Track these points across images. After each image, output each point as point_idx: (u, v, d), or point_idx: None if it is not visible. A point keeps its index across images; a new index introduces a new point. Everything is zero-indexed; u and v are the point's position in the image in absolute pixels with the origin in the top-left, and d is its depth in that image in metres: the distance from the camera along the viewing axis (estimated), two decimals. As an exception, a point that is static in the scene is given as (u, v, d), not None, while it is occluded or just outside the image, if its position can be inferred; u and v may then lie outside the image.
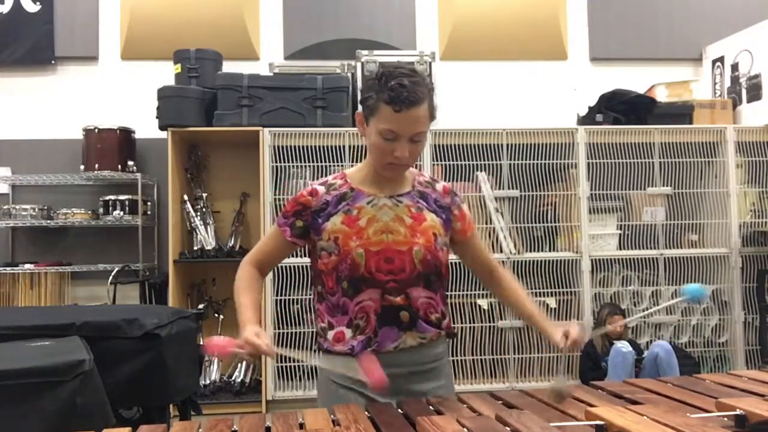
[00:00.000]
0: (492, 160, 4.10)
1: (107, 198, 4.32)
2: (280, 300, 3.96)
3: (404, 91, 1.49)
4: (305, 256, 1.74)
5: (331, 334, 1.61)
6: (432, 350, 1.65)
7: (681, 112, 4.38)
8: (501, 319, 4.03)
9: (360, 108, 1.61)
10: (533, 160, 4.13)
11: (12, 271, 4.34)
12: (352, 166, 2.12)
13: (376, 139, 1.55)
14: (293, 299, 3.96)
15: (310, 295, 3.93)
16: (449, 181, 4.07)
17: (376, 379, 1.37)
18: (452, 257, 1.73)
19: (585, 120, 4.38)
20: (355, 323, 1.58)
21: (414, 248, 1.59)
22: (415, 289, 1.59)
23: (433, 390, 1.63)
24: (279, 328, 3.95)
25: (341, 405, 1.44)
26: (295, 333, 3.95)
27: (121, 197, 4.30)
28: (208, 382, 4.14)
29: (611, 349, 3.65)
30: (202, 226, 4.33)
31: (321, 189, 1.64)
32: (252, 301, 1.60)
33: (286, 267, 3.92)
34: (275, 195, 4.00)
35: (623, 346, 3.62)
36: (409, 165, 1.61)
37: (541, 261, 4.10)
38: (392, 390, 1.55)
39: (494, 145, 4.11)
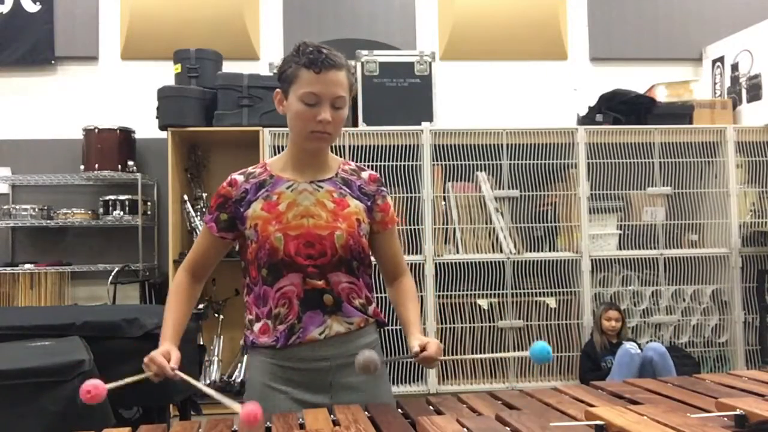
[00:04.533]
0: (492, 160, 4.10)
1: (107, 198, 4.32)
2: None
3: (322, 54, 1.50)
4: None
5: (257, 326, 1.59)
6: (361, 339, 1.60)
7: (681, 112, 4.38)
8: (501, 319, 4.03)
9: (279, 88, 1.59)
10: (533, 160, 4.13)
11: (12, 271, 4.34)
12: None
13: (297, 107, 1.53)
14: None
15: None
16: (450, 181, 4.07)
17: (246, 413, 1.15)
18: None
19: (585, 120, 4.38)
20: (275, 312, 1.55)
21: (336, 233, 1.56)
22: (336, 274, 1.57)
23: (364, 383, 1.58)
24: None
25: (342, 406, 1.44)
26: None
27: (121, 197, 4.30)
28: (208, 382, 4.14)
29: (620, 348, 3.64)
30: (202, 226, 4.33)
31: (240, 178, 1.62)
32: (176, 318, 1.58)
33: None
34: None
35: (632, 347, 3.60)
36: (333, 135, 1.56)
37: (541, 261, 4.09)
38: (321, 384, 1.55)
39: (494, 145, 4.10)
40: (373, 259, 1.70)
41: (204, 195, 4.42)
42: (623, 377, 3.38)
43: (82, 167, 4.30)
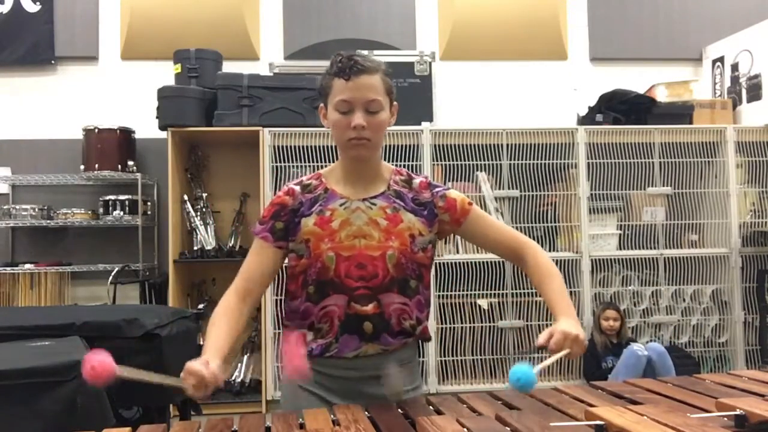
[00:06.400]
0: (492, 160, 4.10)
1: (107, 198, 4.32)
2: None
3: (351, 62, 1.50)
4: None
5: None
6: (396, 356, 1.57)
7: (681, 112, 4.38)
8: (501, 319, 4.03)
9: (321, 103, 1.59)
10: (533, 160, 4.13)
11: (12, 271, 4.33)
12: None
13: (333, 117, 1.52)
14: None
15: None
16: (450, 181, 4.07)
17: (294, 367, 1.26)
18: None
19: (585, 120, 4.38)
20: (317, 326, 1.54)
21: (387, 252, 1.52)
22: (388, 294, 1.53)
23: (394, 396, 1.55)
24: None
25: (342, 406, 1.44)
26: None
27: (121, 197, 4.30)
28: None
29: (626, 349, 3.63)
30: (202, 226, 4.33)
31: (297, 189, 1.59)
32: (218, 334, 1.45)
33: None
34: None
35: (639, 348, 3.60)
36: (372, 141, 1.53)
37: (541, 261, 4.08)
38: (351, 393, 1.53)
39: (494, 145, 4.10)
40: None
41: (204, 195, 4.43)
42: (628, 378, 3.38)
43: (82, 167, 4.29)
